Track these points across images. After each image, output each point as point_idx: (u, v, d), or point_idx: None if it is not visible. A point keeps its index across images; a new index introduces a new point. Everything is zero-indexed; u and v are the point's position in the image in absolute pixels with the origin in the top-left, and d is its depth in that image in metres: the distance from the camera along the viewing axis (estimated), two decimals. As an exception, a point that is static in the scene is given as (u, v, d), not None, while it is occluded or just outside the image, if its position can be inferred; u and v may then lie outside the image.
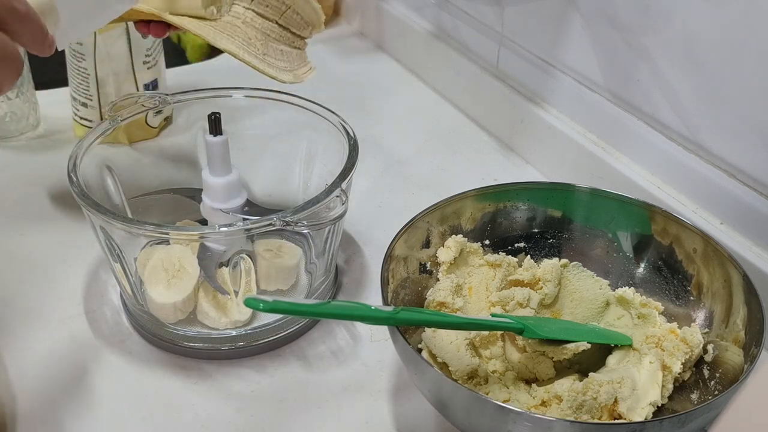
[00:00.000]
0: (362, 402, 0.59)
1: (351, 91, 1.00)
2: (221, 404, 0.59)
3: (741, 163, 0.64)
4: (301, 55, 0.64)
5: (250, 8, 0.60)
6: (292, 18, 0.62)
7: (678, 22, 0.65)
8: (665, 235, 0.61)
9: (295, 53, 0.63)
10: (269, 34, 0.61)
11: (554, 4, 0.79)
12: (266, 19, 0.61)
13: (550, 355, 0.56)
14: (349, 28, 1.19)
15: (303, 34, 0.64)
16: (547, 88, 0.84)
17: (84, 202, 0.58)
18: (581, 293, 0.62)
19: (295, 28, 0.63)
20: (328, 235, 0.64)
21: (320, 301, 0.51)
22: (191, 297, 0.62)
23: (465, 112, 0.97)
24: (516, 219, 0.65)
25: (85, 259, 0.71)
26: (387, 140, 0.91)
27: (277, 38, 0.62)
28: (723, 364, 0.55)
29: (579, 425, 0.47)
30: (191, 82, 0.96)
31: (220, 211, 0.65)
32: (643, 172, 0.73)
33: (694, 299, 0.59)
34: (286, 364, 0.62)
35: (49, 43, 0.47)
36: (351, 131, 0.65)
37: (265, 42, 0.61)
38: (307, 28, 0.64)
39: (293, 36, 0.63)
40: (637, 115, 0.73)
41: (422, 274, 0.62)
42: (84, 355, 0.63)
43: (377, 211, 0.80)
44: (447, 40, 0.99)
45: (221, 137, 0.64)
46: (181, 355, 0.62)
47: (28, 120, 0.89)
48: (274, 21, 0.61)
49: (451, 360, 0.55)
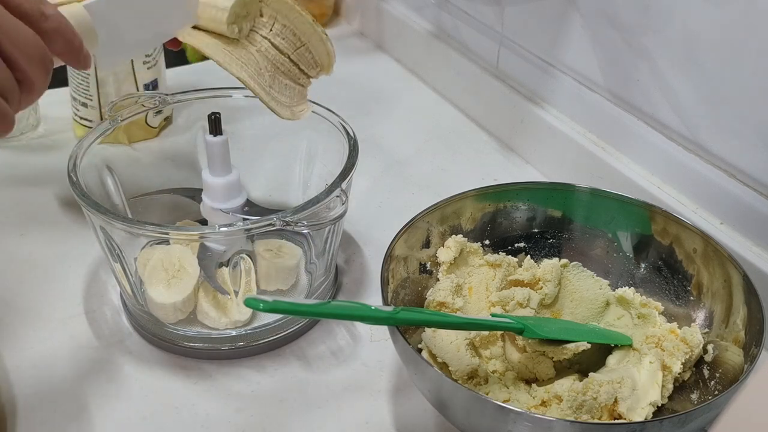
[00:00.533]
0: (362, 402, 0.59)
1: (351, 91, 1.00)
2: (221, 404, 0.59)
3: (741, 163, 0.64)
4: (302, 92, 0.65)
5: (267, 38, 0.61)
6: (304, 56, 0.63)
7: (678, 22, 0.65)
8: (665, 235, 0.61)
9: (297, 90, 0.64)
10: (278, 66, 0.62)
11: (554, 4, 0.79)
12: (279, 51, 0.61)
13: (550, 355, 0.56)
14: (349, 28, 1.19)
15: (310, 73, 0.65)
16: (547, 88, 0.84)
17: (84, 202, 0.58)
18: (581, 293, 0.62)
19: (304, 65, 0.63)
20: (328, 235, 0.64)
21: (320, 301, 0.51)
22: (191, 297, 0.62)
23: (465, 112, 0.97)
24: (516, 219, 0.65)
25: (85, 259, 0.71)
26: (387, 140, 0.91)
27: (285, 72, 0.62)
28: (723, 364, 0.55)
29: (579, 425, 0.47)
30: (191, 82, 0.95)
31: (220, 211, 0.65)
32: (643, 172, 0.73)
33: (694, 299, 0.59)
34: (286, 364, 0.62)
35: (85, 56, 0.49)
36: (351, 131, 0.65)
37: (273, 74, 0.62)
38: (316, 68, 0.65)
39: (300, 72, 0.64)
40: (637, 115, 0.73)
41: (422, 274, 0.62)
42: (84, 355, 0.63)
43: (377, 211, 0.80)
44: (447, 40, 0.99)
45: (221, 137, 0.64)
46: (181, 355, 0.63)
47: (28, 120, 0.89)
48: (286, 55, 0.62)
49: (451, 360, 0.55)
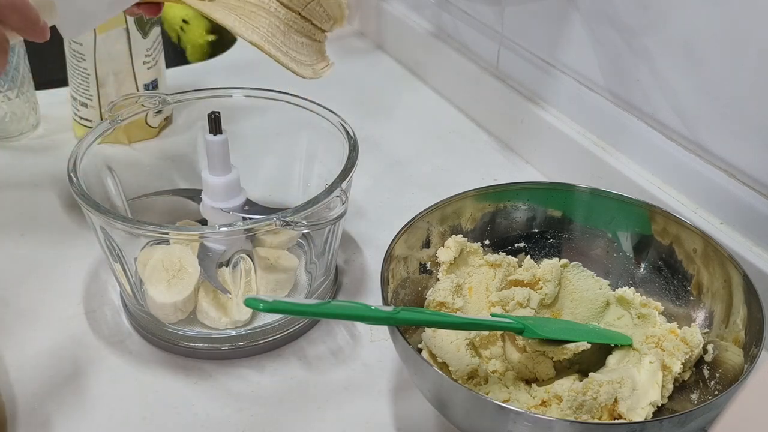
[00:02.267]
0: (362, 402, 0.59)
1: (351, 91, 1.00)
2: (221, 404, 0.59)
3: (741, 163, 0.64)
4: (320, 48, 0.62)
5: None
6: (315, 10, 0.60)
7: (678, 22, 0.65)
8: (665, 235, 0.61)
9: (314, 47, 0.61)
10: (291, 25, 0.59)
11: (554, 4, 0.79)
12: (290, 9, 0.59)
13: (550, 355, 0.56)
14: (349, 28, 1.19)
15: (324, 27, 0.62)
16: (547, 88, 0.84)
17: (84, 202, 0.58)
18: (581, 293, 0.62)
19: (317, 20, 0.61)
20: (328, 235, 0.64)
21: (320, 301, 0.51)
22: (192, 297, 0.62)
23: (465, 112, 0.97)
24: (516, 219, 0.65)
25: (85, 259, 0.71)
26: (387, 140, 0.91)
27: (299, 30, 0.60)
28: (723, 364, 0.55)
29: (579, 425, 0.47)
30: (191, 82, 0.96)
31: (220, 211, 0.65)
32: (643, 172, 0.73)
33: (694, 299, 0.59)
34: (286, 364, 0.62)
35: (42, 28, 0.48)
36: (351, 131, 0.65)
37: (287, 33, 0.59)
38: (329, 21, 0.62)
39: (314, 28, 0.61)
40: (637, 115, 0.73)
41: (422, 274, 0.62)
42: (84, 355, 0.63)
43: (377, 211, 0.80)
44: (447, 40, 0.99)
45: (221, 137, 0.64)
46: (181, 355, 0.63)
47: (28, 120, 0.89)
48: (296, 12, 0.59)
49: (451, 360, 0.55)
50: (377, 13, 1.12)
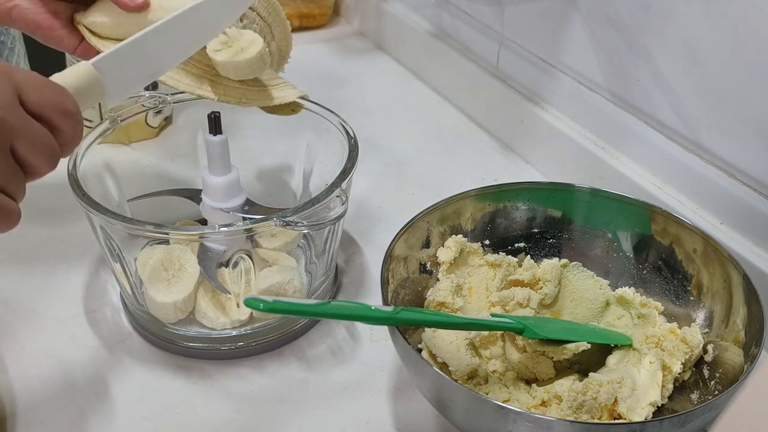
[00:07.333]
0: (362, 402, 0.59)
1: (351, 91, 1.00)
2: (221, 404, 0.59)
3: (741, 163, 0.64)
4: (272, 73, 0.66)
5: None
6: None
7: (678, 22, 0.65)
8: (665, 235, 0.61)
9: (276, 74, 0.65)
10: None
11: (554, 4, 0.79)
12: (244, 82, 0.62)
13: (550, 355, 0.56)
14: (349, 28, 1.19)
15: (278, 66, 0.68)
16: (547, 88, 0.84)
17: (84, 202, 0.58)
18: (581, 293, 0.62)
19: None
20: (328, 235, 0.64)
21: (320, 301, 0.51)
22: (192, 296, 0.62)
23: (465, 112, 0.97)
24: (516, 219, 0.65)
25: (85, 259, 0.71)
26: (387, 140, 0.91)
27: None
28: (723, 364, 0.55)
29: (579, 425, 0.47)
30: (191, 82, 0.95)
31: (220, 211, 0.65)
32: (643, 172, 0.73)
33: (694, 299, 0.59)
34: (286, 364, 0.62)
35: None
36: (351, 131, 0.65)
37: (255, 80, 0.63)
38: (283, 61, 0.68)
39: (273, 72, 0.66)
40: (637, 115, 0.73)
41: (422, 274, 0.62)
42: (84, 355, 0.63)
43: (377, 211, 0.80)
44: (447, 40, 0.99)
45: (221, 137, 0.64)
46: (181, 355, 0.63)
47: (28, 120, 0.89)
48: None
49: (451, 360, 0.55)
50: (377, 13, 1.12)
